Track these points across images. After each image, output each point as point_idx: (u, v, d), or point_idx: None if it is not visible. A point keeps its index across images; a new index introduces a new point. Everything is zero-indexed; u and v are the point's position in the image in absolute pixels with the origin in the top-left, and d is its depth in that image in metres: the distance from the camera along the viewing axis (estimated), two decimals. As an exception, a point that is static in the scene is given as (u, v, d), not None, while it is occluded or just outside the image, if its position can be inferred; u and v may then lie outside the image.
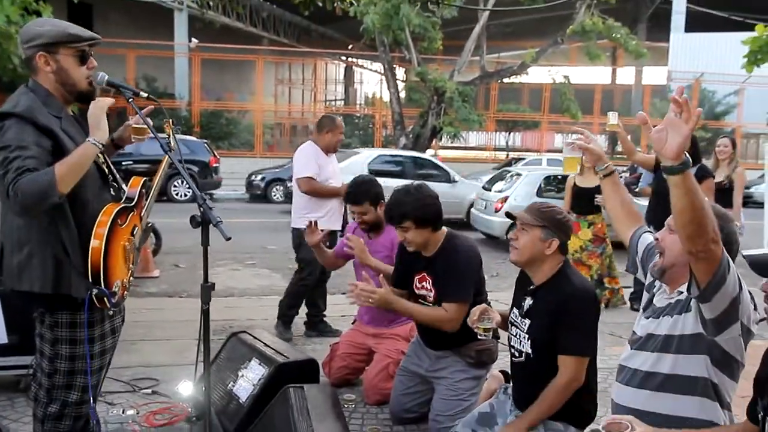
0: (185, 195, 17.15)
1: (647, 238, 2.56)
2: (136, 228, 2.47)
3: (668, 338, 2.25)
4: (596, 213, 6.71)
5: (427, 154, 14.48)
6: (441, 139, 22.50)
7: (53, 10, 15.04)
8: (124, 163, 16.60)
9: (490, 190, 11.90)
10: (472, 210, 12.39)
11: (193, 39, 25.95)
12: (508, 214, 2.98)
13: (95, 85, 2.43)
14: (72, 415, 2.45)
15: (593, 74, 34.49)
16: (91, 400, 2.42)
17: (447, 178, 13.34)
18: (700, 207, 1.87)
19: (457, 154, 29.11)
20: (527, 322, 2.81)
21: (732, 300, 2.01)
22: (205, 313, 2.36)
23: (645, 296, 2.49)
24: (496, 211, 11.10)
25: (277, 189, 17.21)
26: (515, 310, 2.91)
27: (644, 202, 6.89)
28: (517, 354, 2.87)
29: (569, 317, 2.64)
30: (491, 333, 2.87)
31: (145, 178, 2.57)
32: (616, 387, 2.44)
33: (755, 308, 2.13)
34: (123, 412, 3.56)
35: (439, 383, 3.38)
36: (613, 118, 5.45)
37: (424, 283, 3.43)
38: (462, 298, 3.23)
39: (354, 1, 8.24)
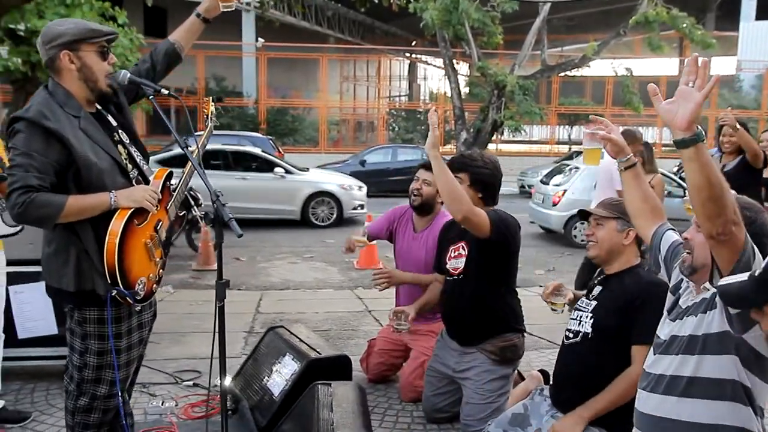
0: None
1: (671, 236, 2.42)
2: (161, 222, 2.52)
3: (692, 339, 2.10)
4: None
5: (251, 148, 13.82)
6: (502, 133, 22.21)
7: (128, 15, 15.67)
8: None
9: (548, 184, 11.69)
10: (530, 203, 12.17)
11: (260, 39, 26.48)
12: (582, 212, 2.99)
13: (118, 82, 2.50)
14: (101, 408, 2.52)
15: (660, 66, 33.34)
16: (118, 395, 2.49)
17: (271, 169, 12.46)
18: (717, 183, 1.77)
19: (519, 148, 28.71)
20: (593, 303, 2.79)
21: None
22: (221, 310, 2.39)
23: (670, 298, 2.35)
24: (554, 204, 10.90)
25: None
26: (583, 298, 2.89)
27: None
28: (572, 335, 2.82)
29: (648, 308, 2.58)
30: (562, 310, 2.92)
31: (169, 170, 2.61)
32: (640, 394, 2.30)
33: None
34: (162, 404, 3.67)
35: (465, 386, 3.35)
36: None
37: (457, 252, 3.42)
38: (484, 214, 3.19)
39: (411, -2, 8.26)
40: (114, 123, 2.56)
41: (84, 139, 2.34)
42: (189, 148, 2.48)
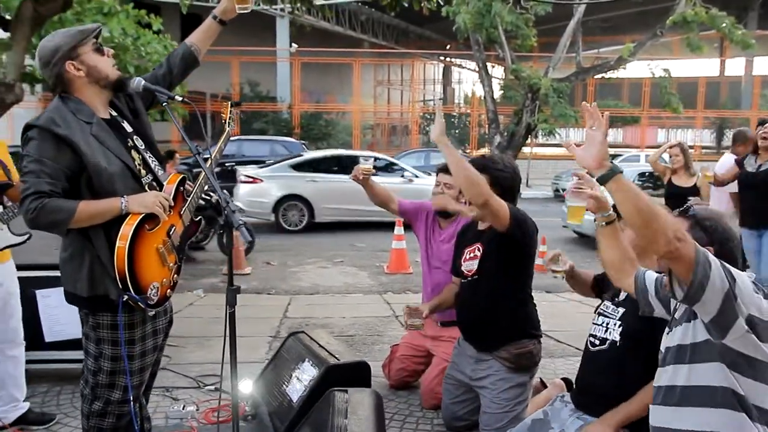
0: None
1: (651, 274, 2.49)
2: (174, 228, 2.52)
3: (681, 348, 2.13)
4: None
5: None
6: (536, 136, 22.01)
7: (165, 22, 15.88)
8: (227, 163, 17.35)
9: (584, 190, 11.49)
10: (563, 207, 12.00)
11: (293, 44, 26.70)
12: (615, 207, 2.93)
13: (132, 90, 2.52)
14: (115, 413, 2.54)
15: (699, 66, 32.72)
16: (131, 401, 2.50)
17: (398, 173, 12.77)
18: (645, 208, 1.89)
19: (553, 152, 28.41)
20: (621, 310, 2.74)
21: (724, 296, 1.90)
22: (231, 316, 2.39)
23: (671, 310, 2.37)
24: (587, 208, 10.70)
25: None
26: (606, 302, 2.84)
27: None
28: (598, 342, 2.78)
29: None
30: (562, 276, 2.93)
31: (183, 175, 2.62)
32: (651, 410, 2.31)
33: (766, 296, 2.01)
34: (183, 408, 3.69)
35: (483, 395, 3.30)
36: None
37: (472, 254, 3.37)
38: (503, 203, 3.14)
39: (441, 1, 8.16)
40: (129, 129, 2.58)
41: (95, 144, 2.37)
42: (202, 155, 2.49)
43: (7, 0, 12.53)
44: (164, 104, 2.54)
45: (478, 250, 3.35)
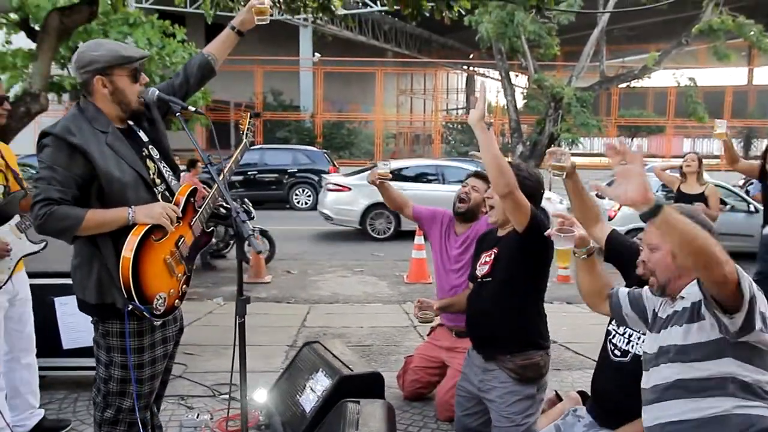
0: (306, 203, 17.74)
1: (622, 291, 2.53)
2: (183, 238, 2.53)
3: (683, 347, 2.11)
4: None
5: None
6: (559, 145, 21.93)
7: (190, 31, 16.06)
8: (249, 172, 17.49)
9: (604, 198, 11.41)
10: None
11: (317, 54, 26.88)
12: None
13: (147, 100, 2.54)
14: (126, 420, 2.55)
15: (727, 75, 32.30)
16: (137, 410, 2.51)
17: None
18: (693, 238, 1.82)
19: (577, 161, 28.18)
20: None
21: (749, 305, 1.91)
22: (241, 326, 2.40)
23: (649, 319, 2.39)
24: (610, 219, 10.62)
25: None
26: None
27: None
28: (619, 354, 2.75)
29: None
30: (563, 174, 2.79)
31: (193, 186, 2.63)
32: (644, 412, 2.28)
33: None
34: (197, 417, 3.71)
35: (491, 408, 3.24)
36: (721, 127, 5.23)
37: (488, 257, 3.34)
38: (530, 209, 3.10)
39: (462, 11, 8.18)
40: (145, 138, 2.60)
41: (109, 154, 2.39)
42: (213, 165, 2.50)
43: (36, 11, 12.82)
44: (177, 114, 2.55)
45: (494, 254, 3.32)
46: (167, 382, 2.85)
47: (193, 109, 2.56)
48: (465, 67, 41.10)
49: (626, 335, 2.74)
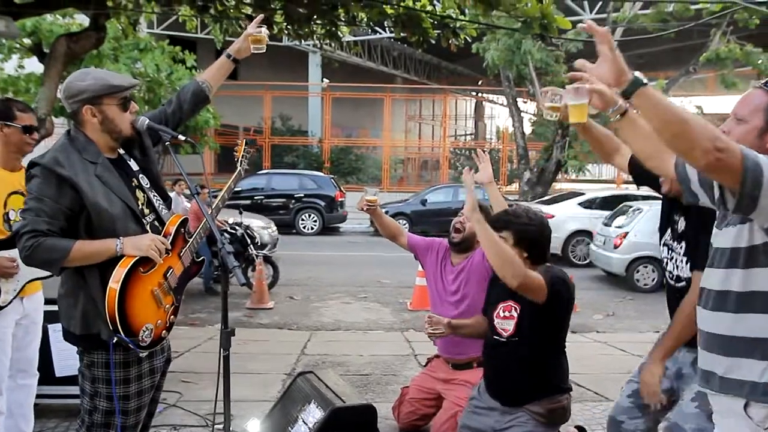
0: (312, 228, 17.76)
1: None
2: (171, 269, 2.51)
3: (734, 251, 1.95)
4: None
5: None
6: (567, 171, 21.92)
7: (201, 57, 16.20)
8: (256, 197, 17.56)
9: (610, 226, 11.38)
10: (591, 246, 11.94)
11: (325, 79, 27.08)
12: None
13: (138, 127, 2.53)
14: None
15: (735, 103, 32.21)
16: None
17: None
18: (676, 119, 1.74)
19: (584, 188, 28.12)
20: (683, 245, 2.66)
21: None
22: (225, 359, 2.36)
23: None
24: (616, 247, 10.58)
25: (399, 222, 17.37)
26: (668, 232, 2.78)
27: None
28: (674, 279, 2.74)
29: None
30: (558, 115, 2.52)
31: (184, 217, 2.61)
32: (698, 312, 2.12)
33: None
34: (188, 447, 3.65)
35: None
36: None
37: (508, 312, 3.25)
38: (540, 277, 3.02)
39: (469, 38, 8.24)
40: (135, 168, 2.58)
41: (98, 185, 2.37)
42: (200, 193, 2.48)
43: (49, 36, 12.98)
44: (167, 144, 2.55)
45: (515, 309, 3.21)
46: (153, 413, 2.80)
47: (183, 138, 2.55)
48: (474, 93, 41.30)
49: (675, 260, 2.72)
